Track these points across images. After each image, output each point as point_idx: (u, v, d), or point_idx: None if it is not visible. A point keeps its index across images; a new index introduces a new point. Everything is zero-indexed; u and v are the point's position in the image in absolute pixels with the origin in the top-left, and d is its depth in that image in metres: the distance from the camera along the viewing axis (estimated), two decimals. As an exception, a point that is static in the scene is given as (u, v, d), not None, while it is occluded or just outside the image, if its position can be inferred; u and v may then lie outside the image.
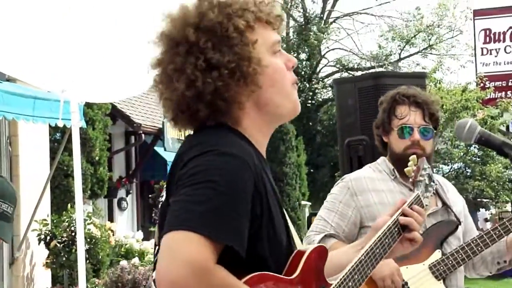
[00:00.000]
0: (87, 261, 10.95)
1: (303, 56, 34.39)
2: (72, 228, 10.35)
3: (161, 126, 18.65)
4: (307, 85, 33.05)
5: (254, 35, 2.19)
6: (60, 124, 8.24)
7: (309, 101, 32.88)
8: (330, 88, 32.87)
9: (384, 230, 2.48)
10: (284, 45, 33.90)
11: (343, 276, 2.32)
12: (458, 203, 3.73)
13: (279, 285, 2.09)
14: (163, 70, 2.22)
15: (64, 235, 10.60)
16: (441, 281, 3.48)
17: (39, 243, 10.51)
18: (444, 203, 3.65)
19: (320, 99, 33.86)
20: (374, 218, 3.34)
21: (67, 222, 10.73)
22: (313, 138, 31.38)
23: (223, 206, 1.98)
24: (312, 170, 26.70)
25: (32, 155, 10.54)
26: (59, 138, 12.63)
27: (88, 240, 10.89)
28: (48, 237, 10.54)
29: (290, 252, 2.21)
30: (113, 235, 13.13)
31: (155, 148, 19.33)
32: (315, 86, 33.83)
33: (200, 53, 2.15)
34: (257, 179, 2.08)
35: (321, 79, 34.98)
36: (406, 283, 3.41)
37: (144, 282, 12.74)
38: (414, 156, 2.89)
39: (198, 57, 2.14)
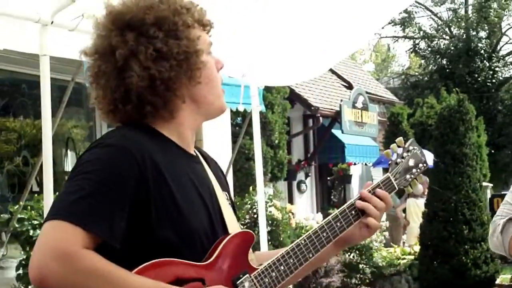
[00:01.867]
0: (269, 242, 11.20)
1: (482, 34, 33.45)
2: (255, 211, 10.57)
3: (338, 109, 18.73)
4: (487, 64, 32.12)
5: (196, 33, 2.26)
6: (241, 108, 8.49)
7: (489, 80, 31.95)
8: (511, 66, 31.80)
9: (337, 213, 2.38)
10: (463, 23, 33.07)
11: (274, 259, 2.27)
12: None
13: (187, 269, 2.10)
14: (106, 56, 2.23)
15: (247, 217, 10.85)
16: None
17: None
18: None
19: (501, 78, 32.81)
20: None
21: (249, 204, 10.98)
22: (493, 118, 30.48)
23: (93, 194, 2.01)
24: (493, 151, 25.94)
25: (215, 139, 10.88)
26: (240, 122, 12.96)
27: (270, 222, 11.13)
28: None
29: (216, 240, 2.21)
30: (293, 217, 13.34)
31: (333, 130, 19.43)
32: (495, 64, 32.82)
33: (148, 43, 2.19)
34: (144, 167, 2.08)
35: (501, 57, 33.88)
36: None
37: (324, 264, 12.88)
38: (401, 138, 2.64)
39: (147, 46, 2.19)
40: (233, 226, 2.30)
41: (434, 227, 13.67)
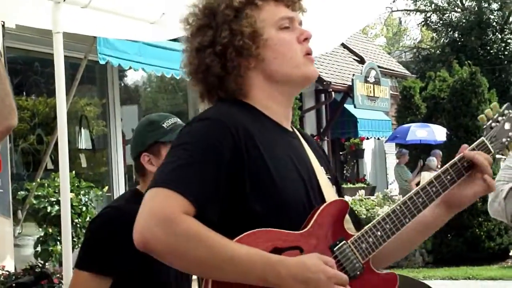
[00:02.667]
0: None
1: (494, 6, 33.22)
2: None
3: (350, 84, 18.70)
4: (499, 36, 31.95)
5: (255, 12, 2.30)
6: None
7: (501, 53, 31.78)
8: (524, 38, 31.62)
9: (432, 179, 2.38)
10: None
11: (370, 225, 2.28)
12: None
13: (283, 238, 2.13)
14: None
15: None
16: None
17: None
18: None
19: (513, 50, 32.63)
20: None
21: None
22: (506, 90, 30.34)
23: (191, 164, 2.11)
24: (506, 123, 25.81)
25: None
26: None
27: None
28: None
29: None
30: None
31: (345, 105, 19.42)
32: (508, 36, 32.62)
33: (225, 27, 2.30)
34: (239, 139, 2.16)
35: (514, 29, 33.68)
36: None
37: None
38: (495, 103, 2.65)
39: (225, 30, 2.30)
40: (330, 195, 2.33)
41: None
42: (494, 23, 32.17)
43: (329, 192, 2.33)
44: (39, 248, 7.65)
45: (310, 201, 2.26)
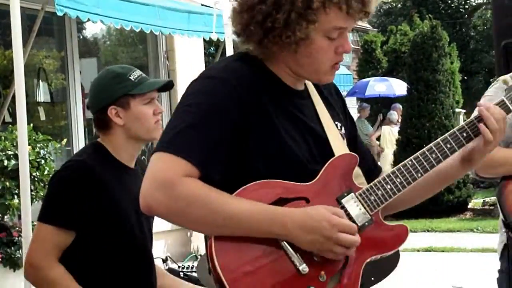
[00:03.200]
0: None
1: (455, -41, 33.24)
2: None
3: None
4: (460, -10, 32.02)
5: (316, 15, 2.23)
6: (214, 37, 8.42)
7: (462, 6, 31.92)
8: (484, -8, 31.70)
9: (446, 135, 2.40)
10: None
11: (379, 179, 2.30)
12: None
13: (288, 189, 2.17)
14: None
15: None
16: None
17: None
18: None
19: (474, 3, 32.76)
20: None
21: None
22: (466, 44, 30.57)
23: (194, 126, 2.13)
24: (466, 77, 26.08)
25: (189, 69, 10.80)
26: (213, 52, 12.89)
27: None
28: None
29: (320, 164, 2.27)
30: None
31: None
32: (469, -10, 32.72)
33: None
34: (244, 98, 2.17)
35: (474, -17, 33.77)
36: None
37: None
38: None
39: None
40: (340, 150, 2.35)
41: (407, 153, 13.66)
42: (455, -23, 32.22)
43: (339, 147, 2.35)
44: (-5, 200, 7.56)
45: (316, 160, 2.28)
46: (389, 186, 2.28)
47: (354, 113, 19.77)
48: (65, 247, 3.11)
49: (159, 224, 10.46)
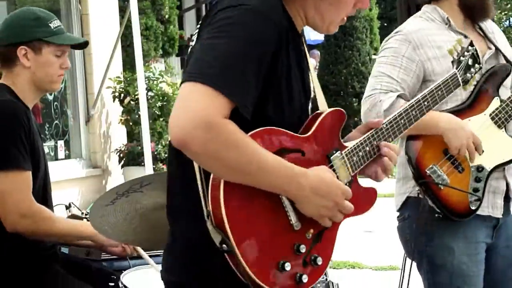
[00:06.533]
0: (161, 118, 11.16)
1: None
2: (145, 86, 10.46)
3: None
4: None
5: None
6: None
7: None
8: None
9: (413, 103, 2.51)
10: None
11: (361, 139, 2.35)
12: (506, 46, 3.58)
13: (289, 139, 2.16)
14: None
15: (137, 92, 10.73)
16: (503, 129, 3.38)
17: (113, 101, 10.70)
18: (496, 47, 3.50)
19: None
20: (437, 72, 3.30)
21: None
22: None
23: (236, 63, 2.04)
24: (386, 24, 26.27)
25: (102, 13, 10.61)
26: (126, -4, 12.63)
27: (161, 98, 11.05)
28: (122, 95, 10.71)
29: (307, 117, 2.29)
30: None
31: (226, 5, 19.19)
32: None
33: None
34: (282, 40, 2.13)
35: None
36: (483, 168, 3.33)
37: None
38: (461, 37, 2.78)
39: None
40: (323, 104, 2.40)
41: (325, 99, 13.85)
42: None
43: (321, 98, 2.41)
44: None
45: (307, 109, 2.32)
46: (367, 148, 2.34)
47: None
48: None
49: (73, 171, 10.34)
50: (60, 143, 10.26)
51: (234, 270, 2.06)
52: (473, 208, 3.28)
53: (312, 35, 18.02)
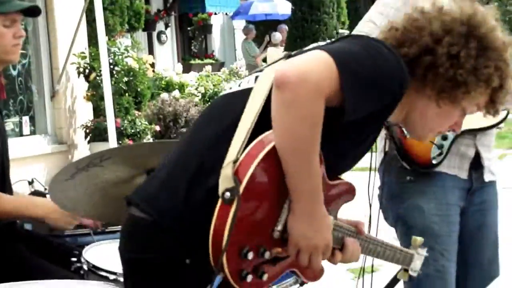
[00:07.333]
0: (127, 93, 11.09)
1: None
2: (110, 61, 10.38)
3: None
4: None
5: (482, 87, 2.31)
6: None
7: None
8: None
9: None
10: None
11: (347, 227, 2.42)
12: None
13: (326, 182, 2.21)
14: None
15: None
16: None
17: (78, 76, 10.61)
18: None
19: None
20: None
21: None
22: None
23: (374, 80, 2.10)
24: (353, -1, 26.24)
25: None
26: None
27: (127, 73, 10.98)
28: (87, 70, 10.61)
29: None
30: (152, 68, 13.21)
31: (192, -21, 19.08)
32: None
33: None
34: (394, 107, 2.21)
35: None
36: None
37: (184, 114, 12.93)
38: None
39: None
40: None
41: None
42: None
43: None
44: None
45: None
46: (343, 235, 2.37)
47: (241, 35, 19.73)
48: None
49: (39, 147, 10.23)
50: (25, 119, 10.17)
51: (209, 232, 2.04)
52: (434, 162, 3.34)
53: (280, 9, 18.02)
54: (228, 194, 2.01)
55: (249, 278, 2.10)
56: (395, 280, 3.12)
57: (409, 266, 2.70)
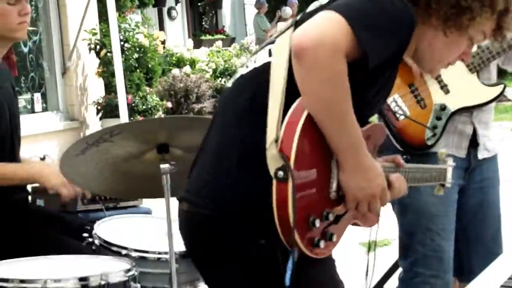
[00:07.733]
0: (138, 70, 11.09)
1: None
2: (121, 37, 10.38)
3: None
4: None
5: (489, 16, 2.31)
6: None
7: None
8: None
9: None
10: None
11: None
12: None
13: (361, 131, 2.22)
14: None
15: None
16: (475, 74, 3.39)
17: (89, 53, 10.62)
18: None
19: None
20: None
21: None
22: None
23: (386, 25, 2.13)
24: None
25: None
26: None
27: (138, 49, 10.97)
28: (98, 47, 10.61)
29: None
30: (162, 44, 13.19)
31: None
32: None
33: None
34: (407, 44, 2.22)
35: None
36: (442, 81, 3.34)
37: (195, 90, 12.94)
38: None
39: None
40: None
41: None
42: None
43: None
44: None
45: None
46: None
47: (253, 10, 19.66)
48: None
49: (50, 124, 10.26)
50: (37, 95, 10.19)
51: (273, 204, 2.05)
52: (428, 143, 3.32)
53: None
54: (281, 173, 2.03)
55: (322, 244, 2.14)
56: (395, 266, 3.12)
57: (445, 180, 2.77)
